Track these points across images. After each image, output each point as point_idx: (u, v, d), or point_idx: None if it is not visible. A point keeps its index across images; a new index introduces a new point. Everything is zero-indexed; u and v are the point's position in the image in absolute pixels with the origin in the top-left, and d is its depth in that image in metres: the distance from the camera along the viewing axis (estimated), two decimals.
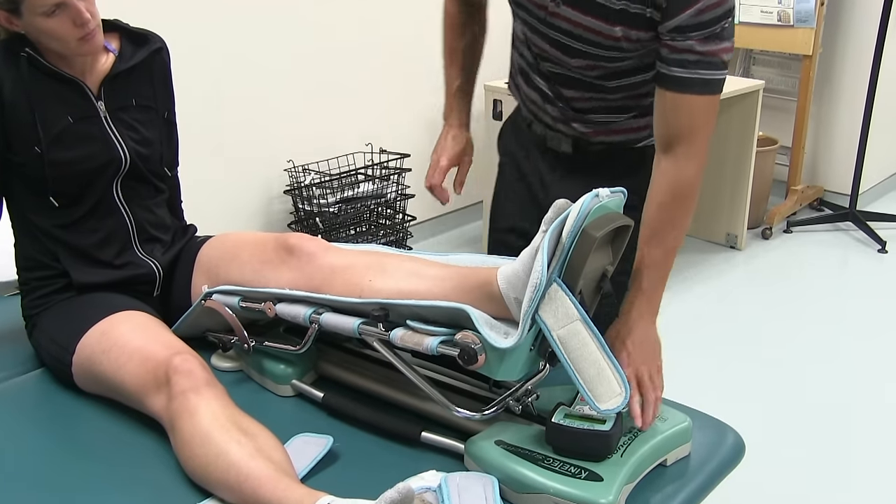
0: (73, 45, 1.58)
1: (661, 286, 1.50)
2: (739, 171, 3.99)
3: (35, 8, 1.52)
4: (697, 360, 3.10)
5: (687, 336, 3.28)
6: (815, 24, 3.95)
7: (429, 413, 1.46)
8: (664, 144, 1.50)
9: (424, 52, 3.91)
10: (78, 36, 1.57)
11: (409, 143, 3.84)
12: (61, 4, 1.52)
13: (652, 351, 1.43)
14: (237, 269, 1.65)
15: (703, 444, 1.43)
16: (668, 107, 1.48)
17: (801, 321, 3.43)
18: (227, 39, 3.23)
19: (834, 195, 4.52)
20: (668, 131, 1.49)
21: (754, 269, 3.94)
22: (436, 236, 4.24)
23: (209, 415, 1.33)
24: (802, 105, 4.21)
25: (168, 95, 1.82)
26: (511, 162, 1.90)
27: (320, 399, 1.52)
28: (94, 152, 1.65)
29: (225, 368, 1.65)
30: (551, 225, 1.26)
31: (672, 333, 3.33)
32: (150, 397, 1.42)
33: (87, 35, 1.58)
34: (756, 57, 4.59)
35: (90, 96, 1.66)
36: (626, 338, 1.41)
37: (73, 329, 1.58)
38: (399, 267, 1.48)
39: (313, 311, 1.47)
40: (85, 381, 1.57)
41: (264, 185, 3.51)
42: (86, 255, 1.70)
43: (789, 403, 2.85)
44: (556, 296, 1.25)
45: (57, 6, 1.52)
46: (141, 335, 1.52)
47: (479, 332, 1.27)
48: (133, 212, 1.73)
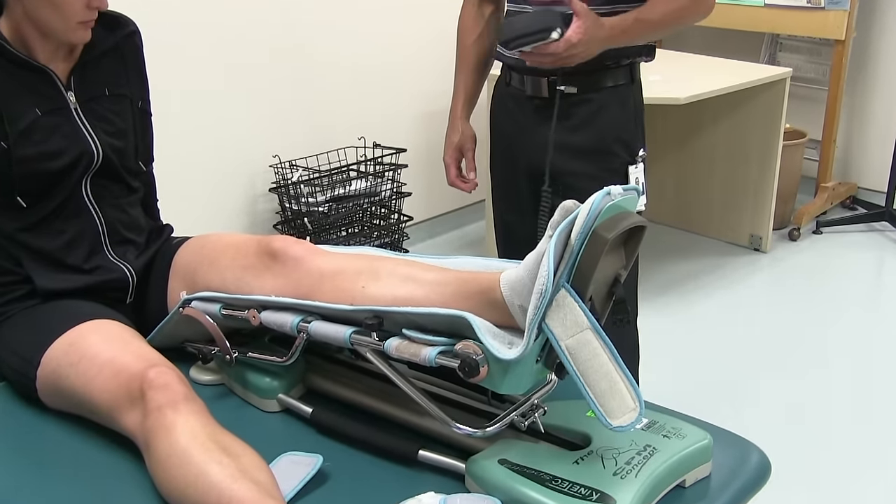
0: (71, 27, 1.60)
1: (634, 37, 1.93)
2: (764, 167, 4.00)
3: None
4: (718, 372, 3.10)
5: (707, 346, 3.28)
6: (849, 6, 3.96)
7: (426, 429, 1.46)
8: None
9: (422, 39, 3.93)
10: (82, 19, 1.60)
11: (406, 137, 3.86)
12: None
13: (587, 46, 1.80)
14: (217, 274, 1.65)
15: (725, 463, 1.43)
16: None
17: (832, 330, 3.43)
18: (205, 24, 3.24)
19: (868, 192, 4.54)
20: None
21: (780, 274, 3.95)
22: (434, 238, 4.25)
23: (187, 432, 1.33)
24: (834, 94, 4.22)
25: (142, 83, 1.82)
26: (498, 127, 2.21)
27: (309, 415, 1.52)
28: (64, 147, 1.65)
29: (205, 382, 1.65)
30: (558, 228, 1.26)
31: (691, 343, 3.35)
32: (123, 414, 1.42)
33: (89, 22, 1.61)
34: (783, 42, 4.61)
35: (59, 86, 1.66)
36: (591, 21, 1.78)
37: (37, 340, 1.57)
38: (394, 271, 1.48)
39: (301, 319, 1.47)
40: (50, 397, 1.56)
41: (247, 183, 3.51)
42: (51, 259, 1.69)
43: (819, 419, 2.85)
44: (565, 302, 1.25)
45: None
46: (112, 346, 1.52)
47: (481, 342, 1.27)
48: (104, 211, 1.73)
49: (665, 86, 3.37)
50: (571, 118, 2.03)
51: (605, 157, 2.05)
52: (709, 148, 4.20)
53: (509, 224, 2.26)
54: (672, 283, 3.81)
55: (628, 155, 2.06)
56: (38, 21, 1.60)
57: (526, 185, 2.14)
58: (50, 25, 1.61)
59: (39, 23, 1.61)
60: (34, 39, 1.63)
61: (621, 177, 2.05)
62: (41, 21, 1.60)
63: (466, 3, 2.23)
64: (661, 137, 4.11)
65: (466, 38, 2.22)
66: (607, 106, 2.03)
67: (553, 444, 1.37)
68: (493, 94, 2.23)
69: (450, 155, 2.24)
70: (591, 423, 1.38)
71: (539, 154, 2.04)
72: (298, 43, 3.53)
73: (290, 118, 3.57)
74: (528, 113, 2.09)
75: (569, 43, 1.77)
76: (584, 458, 1.31)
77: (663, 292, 3.71)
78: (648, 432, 1.38)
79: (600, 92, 2.02)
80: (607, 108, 2.03)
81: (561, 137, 2.01)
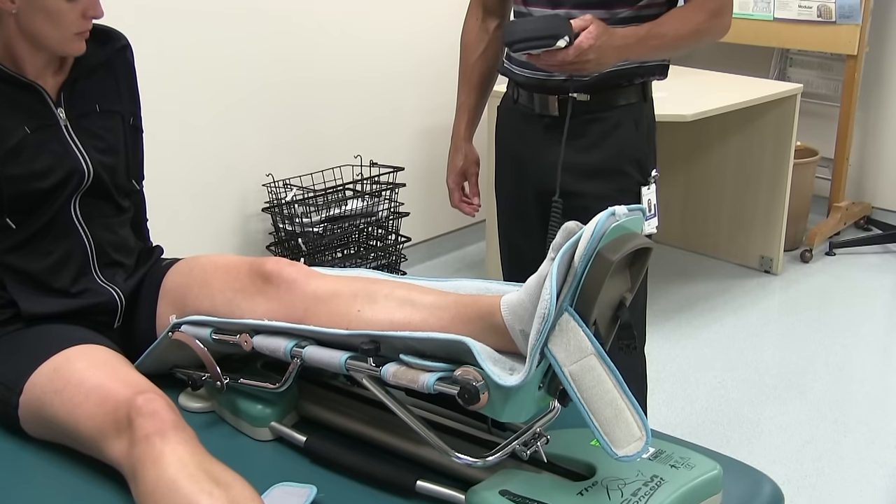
0: (66, 38, 1.62)
1: (648, 49, 1.93)
2: (775, 186, 4.01)
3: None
4: (728, 400, 3.10)
5: (716, 372, 3.28)
6: (861, 21, 3.98)
7: (425, 459, 1.46)
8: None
9: (421, 55, 3.95)
10: (78, 30, 1.62)
11: (403, 155, 3.86)
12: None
13: (599, 54, 1.79)
14: (207, 297, 1.65)
15: (736, 494, 1.42)
16: None
17: (846, 356, 3.43)
18: (196, 37, 3.26)
19: (883, 213, 4.54)
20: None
21: (792, 297, 3.95)
22: (433, 259, 4.25)
23: (176, 462, 1.33)
24: (846, 111, 4.23)
25: (133, 99, 1.84)
26: (504, 147, 2.21)
27: (302, 443, 1.52)
28: (53, 165, 1.66)
29: (195, 409, 1.65)
30: (560, 250, 1.26)
31: (699, 369, 3.34)
32: (110, 442, 1.42)
33: (84, 32, 1.63)
34: (793, 57, 4.62)
35: (49, 103, 1.67)
36: (599, 24, 1.78)
37: (20, 366, 1.57)
38: (391, 295, 1.48)
39: (295, 344, 1.48)
40: (33, 426, 1.56)
41: (240, 202, 3.52)
42: (37, 281, 1.70)
43: (833, 449, 2.85)
44: (568, 327, 1.25)
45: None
46: (99, 372, 1.52)
47: (482, 368, 1.27)
48: (93, 232, 1.74)
49: (672, 102, 3.38)
50: (583, 137, 2.01)
51: (617, 178, 2.03)
52: (717, 166, 4.21)
53: (516, 247, 2.24)
54: (679, 306, 3.81)
55: (641, 176, 2.05)
56: (33, 33, 1.62)
57: (534, 207, 2.12)
58: (45, 37, 1.62)
59: (34, 35, 1.62)
60: (25, 54, 1.64)
61: (634, 198, 2.03)
62: (36, 33, 1.61)
63: (469, 18, 2.21)
64: (668, 155, 4.11)
65: (470, 55, 2.21)
66: (620, 125, 2.02)
67: (556, 475, 1.37)
68: (499, 111, 2.22)
69: (453, 179, 2.24)
70: (595, 453, 1.37)
71: (548, 174, 2.02)
72: (292, 58, 3.55)
73: (283, 136, 3.58)
74: (537, 131, 2.07)
75: (579, 49, 1.76)
76: (589, 489, 1.31)
77: (670, 316, 3.71)
78: (655, 462, 1.37)
79: (612, 110, 2.01)
80: (620, 127, 2.02)
81: (572, 157, 2.00)
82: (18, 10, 1.59)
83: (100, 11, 1.63)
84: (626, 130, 2.02)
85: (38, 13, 1.59)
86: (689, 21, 1.94)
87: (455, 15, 2.27)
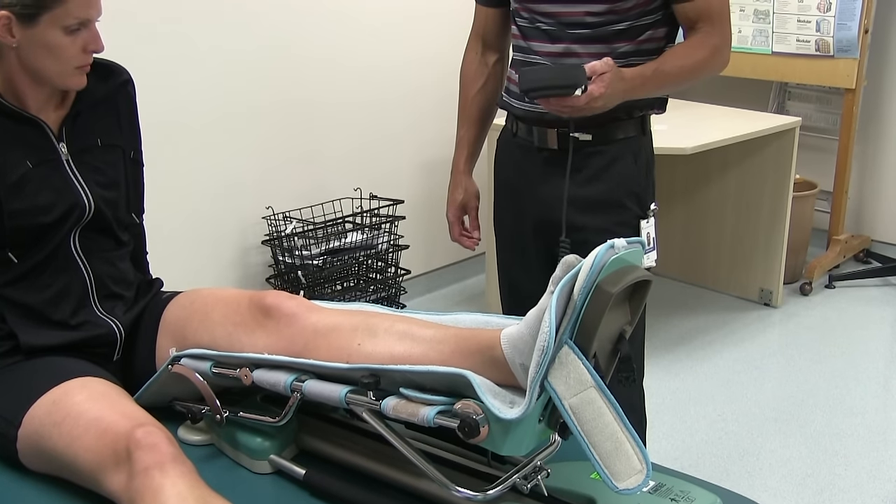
0: (67, 72, 1.63)
1: (653, 88, 1.96)
2: (774, 219, 4.02)
3: (62, 20, 1.58)
4: (728, 433, 3.09)
5: (716, 405, 3.27)
6: (859, 54, 4.00)
7: (425, 493, 1.45)
8: (690, 28, 1.98)
9: (420, 87, 3.97)
10: (79, 63, 1.63)
11: (403, 188, 3.87)
12: (86, 23, 1.60)
13: (607, 100, 1.83)
14: (207, 331, 1.66)
15: None
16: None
17: (847, 389, 3.43)
18: (198, 74, 3.28)
19: (882, 245, 4.55)
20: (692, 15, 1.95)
21: (792, 330, 3.95)
22: (432, 292, 4.25)
23: (175, 495, 1.33)
24: (845, 144, 4.25)
25: (134, 133, 1.85)
26: (503, 180, 2.21)
27: (302, 477, 1.52)
28: (55, 200, 1.67)
29: (194, 442, 1.65)
30: (560, 283, 1.27)
31: (700, 402, 3.33)
32: (108, 475, 1.42)
33: (85, 66, 1.64)
34: (792, 91, 4.65)
35: (51, 137, 1.69)
36: (613, 71, 1.82)
37: (19, 398, 1.57)
38: (391, 328, 1.49)
39: (295, 378, 1.48)
40: (32, 459, 1.56)
41: (239, 235, 3.53)
42: (36, 314, 1.70)
43: (834, 483, 2.84)
44: (568, 360, 1.26)
45: (82, 24, 1.59)
46: (98, 404, 1.52)
47: (482, 402, 1.27)
48: (92, 265, 1.74)
49: (672, 135, 3.40)
50: (582, 171, 2.02)
51: (617, 211, 2.04)
52: (716, 199, 4.22)
53: (515, 280, 2.24)
54: (679, 339, 3.81)
55: (640, 209, 2.06)
56: (34, 68, 1.63)
57: (533, 240, 2.13)
58: (46, 72, 1.63)
59: (35, 70, 1.63)
60: (26, 88, 1.65)
61: (633, 231, 2.04)
62: (37, 68, 1.63)
63: (469, 51, 2.23)
64: (668, 188, 4.13)
65: (469, 89, 2.22)
66: (619, 158, 2.03)
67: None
68: (498, 144, 2.22)
69: (453, 213, 2.25)
70: (595, 486, 1.37)
71: (548, 207, 2.04)
72: (292, 91, 3.56)
73: (283, 168, 3.59)
74: (537, 165, 2.08)
75: (591, 97, 1.79)
76: None
77: (670, 349, 3.70)
78: (656, 496, 1.37)
79: (611, 144, 2.02)
80: (619, 160, 2.03)
81: (571, 190, 2.01)
82: (19, 44, 1.60)
83: (100, 46, 1.65)
84: (624, 164, 2.03)
85: (38, 48, 1.60)
86: (691, 58, 1.96)
87: (455, 47, 2.28)
